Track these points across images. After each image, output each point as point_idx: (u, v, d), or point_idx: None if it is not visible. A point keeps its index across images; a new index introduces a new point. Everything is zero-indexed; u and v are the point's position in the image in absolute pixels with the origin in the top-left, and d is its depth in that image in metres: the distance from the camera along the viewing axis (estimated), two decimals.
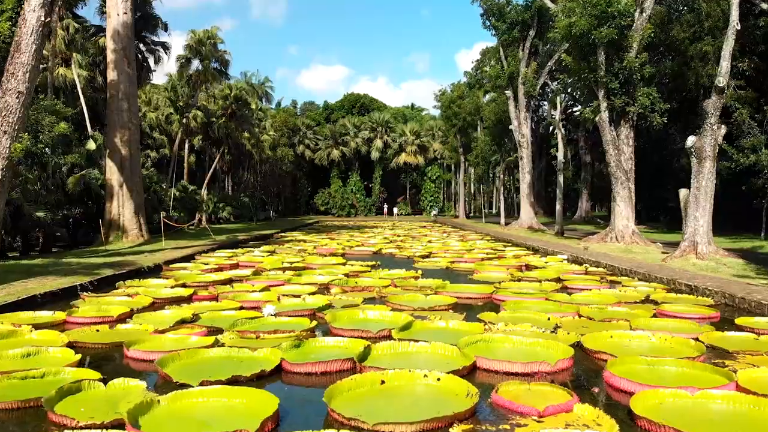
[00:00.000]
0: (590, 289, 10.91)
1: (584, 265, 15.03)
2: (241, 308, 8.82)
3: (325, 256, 17.25)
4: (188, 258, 16.25)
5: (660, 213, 45.54)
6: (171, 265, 14.45)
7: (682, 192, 15.40)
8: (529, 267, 14.90)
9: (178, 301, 9.60)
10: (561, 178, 24.74)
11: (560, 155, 24.76)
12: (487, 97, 50.79)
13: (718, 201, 15.17)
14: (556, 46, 32.70)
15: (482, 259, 16.25)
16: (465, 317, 8.14)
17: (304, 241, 23.84)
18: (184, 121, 34.50)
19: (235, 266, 14.69)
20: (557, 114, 25.00)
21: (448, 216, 57.94)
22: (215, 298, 9.62)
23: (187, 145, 38.58)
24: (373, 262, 15.06)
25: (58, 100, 30.23)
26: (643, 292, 10.49)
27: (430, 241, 23.52)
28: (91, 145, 25.92)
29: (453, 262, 15.38)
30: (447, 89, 48.44)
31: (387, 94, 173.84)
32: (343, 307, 8.70)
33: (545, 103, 47.78)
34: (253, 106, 43.54)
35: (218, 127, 37.39)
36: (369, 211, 61.59)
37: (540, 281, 11.87)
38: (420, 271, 13.00)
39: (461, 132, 45.95)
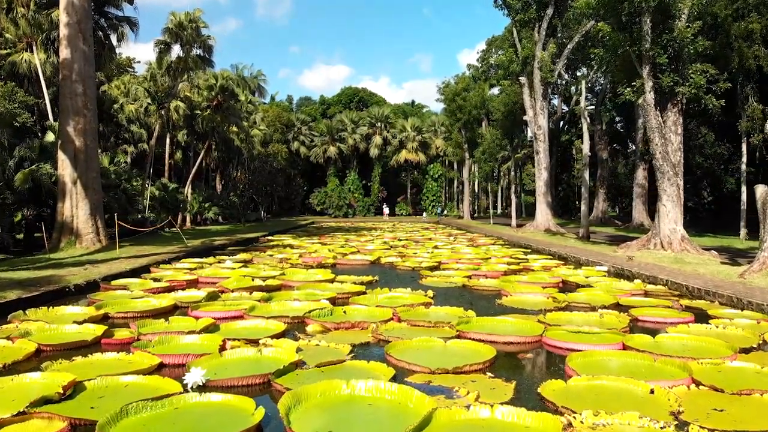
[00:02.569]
0: (674, 324, 7.77)
1: (636, 281, 11.89)
2: (160, 367, 5.68)
3: (312, 267, 14.09)
4: (140, 271, 13.08)
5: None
6: (112, 282, 11.31)
7: (760, 189, 12.23)
8: (566, 283, 11.75)
9: (75, 348, 6.45)
10: (586, 175, 21.58)
11: (585, 148, 21.60)
12: (494, 90, 47.68)
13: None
14: (570, 32, 29.59)
15: (505, 273, 13.08)
16: (516, 389, 4.98)
17: (292, 246, 20.66)
18: (163, 112, 31.29)
19: (194, 284, 11.52)
20: (582, 101, 21.82)
21: (451, 216, 54.74)
22: (130, 344, 6.44)
23: (168, 140, 35.38)
24: (370, 278, 11.91)
25: (19, 89, 27.15)
26: (750, 329, 7.42)
27: (436, 247, 20.35)
28: (50, 136, 22.81)
29: (470, 276, 12.21)
30: (451, 81, 45.25)
31: (389, 93, 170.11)
32: (318, 366, 5.54)
33: (554, 96, 44.67)
34: (242, 98, 40.33)
35: (202, 120, 34.17)
36: (368, 211, 58.23)
37: (596, 309, 8.73)
38: (431, 293, 9.84)
39: (466, 127, 42.73)
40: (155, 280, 11.70)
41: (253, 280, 11.22)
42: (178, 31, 30.03)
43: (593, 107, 41.13)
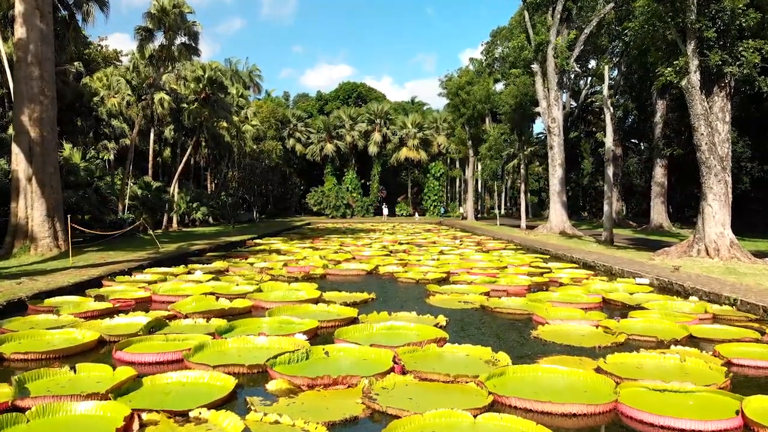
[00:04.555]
0: None
1: (692, 298, 9.65)
2: None
3: (296, 280, 11.83)
4: (88, 285, 10.81)
5: (692, 213, 40.28)
6: (45, 301, 9.05)
7: None
8: (608, 302, 9.50)
9: None
10: (610, 171, 19.31)
11: (608, 141, 19.33)
12: (499, 86, 45.40)
13: None
14: (583, 19, 27.41)
15: (530, 288, 10.83)
16: None
17: (279, 251, 18.40)
18: (142, 104, 28.99)
19: (144, 303, 9.28)
20: (605, 88, 19.52)
21: (453, 217, 52.49)
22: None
23: (152, 135, 33.08)
24: (365, 295, 9.65)
25: None
26: None
27: (441, 252, 18.09)
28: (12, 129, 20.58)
29: (488, 293, 9.95)
30: (454, 75, 42.98)
31: (391, 93, 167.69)
32: None
33: (563, 90, 42.34)
34: (233, 91, 38.04)
35: (189, 114, 31.86)
36: (366, 211, 55.83)
37: (666, 344, 6.52)
38: (443, 319, 7.59)
39: (470, 122, 40.48)
40: (98, 298, 9.45)
41: (217, 299, 8.95)
42: (161, 17, 27.74)
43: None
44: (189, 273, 12.64)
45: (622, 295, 9.90)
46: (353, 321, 7.57)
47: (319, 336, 7.01)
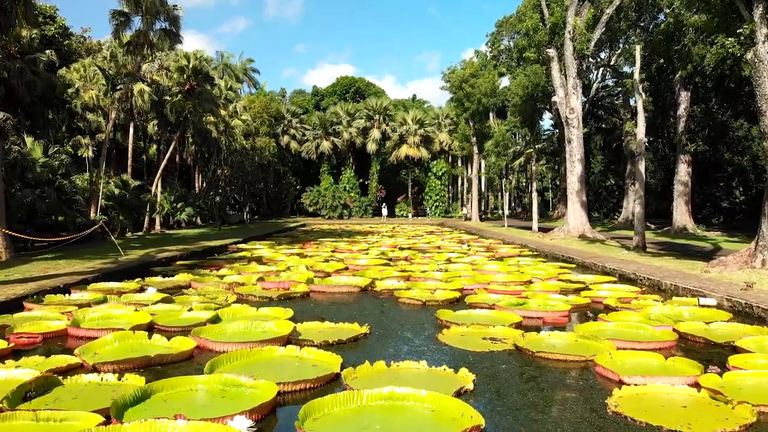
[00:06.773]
0: None
1: None
2: None
3: (271, 301, 9.41)
4: (5, 307, 8.38)
5: (711, 214, 37.89)
6: None
7: None
8: (683, 336, 7.07)
9: None
10: (641, 166, 16.87)
11: (640, 132, 16.87)
12: (504, 81, 43.06)
13: None
14: (597, 9, 24.98)
15: (570, 312, 8.40)
16: None
17: (261, 259, 15.95)
18: (117, 95, 26.53)
19: (55, 340, 6.86)
20: (636, 72, 17.06)
21: (455, 218, 50.06)
22: None
23: (132, 130, 30.60)
24: (355, 329, 7.21)
25: None
26: None
27: (449, 261, 15.67)
28: None
29: (520, 324, 7.51)
30: (457, 67, 40.51)
31: (394, 92, 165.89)
32: None
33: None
34: (221, 84, 35.54)
35: (172, 107, 29.40)
36: (365, 212, 53.33)
37: None
38: (467, 379, 5.15)
39: (474, 117, 38.04)
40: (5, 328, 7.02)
41: (149, 337, 6.50)
42: None
43: (621, 90, 36.63)
44: (141, 290, 10.21)
45: (695, 326, 7.48)
46: (332, 380, 5.14)
47: (281, 405, 4.59)
